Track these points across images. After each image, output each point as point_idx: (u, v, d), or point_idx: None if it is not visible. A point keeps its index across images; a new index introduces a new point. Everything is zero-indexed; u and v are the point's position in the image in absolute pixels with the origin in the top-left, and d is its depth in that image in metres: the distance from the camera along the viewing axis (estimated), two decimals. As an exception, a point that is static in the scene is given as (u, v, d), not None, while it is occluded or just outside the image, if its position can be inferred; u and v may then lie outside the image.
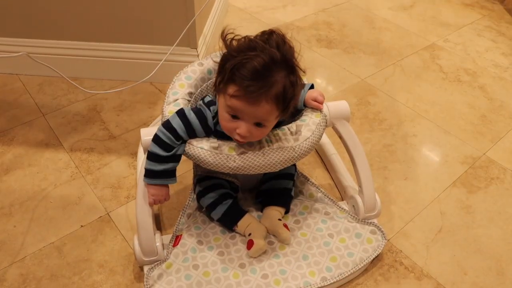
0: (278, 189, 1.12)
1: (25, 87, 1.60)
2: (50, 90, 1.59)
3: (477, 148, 1.44)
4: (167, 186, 0.99)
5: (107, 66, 1.61)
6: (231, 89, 0.86)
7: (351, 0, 2.32)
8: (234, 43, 0.88)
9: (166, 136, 0.93)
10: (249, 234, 1.04)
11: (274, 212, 1.09)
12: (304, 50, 1.85)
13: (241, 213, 1.08)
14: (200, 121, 0.95)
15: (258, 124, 0.89)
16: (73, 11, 1.50)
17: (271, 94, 0.85)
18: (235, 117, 0.89)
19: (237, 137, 0.91)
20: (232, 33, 0.89)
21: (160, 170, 0.95)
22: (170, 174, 0.98)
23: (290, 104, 0.90)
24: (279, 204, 1.10)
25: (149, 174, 0.97)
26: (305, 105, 1.07)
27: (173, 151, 0.94)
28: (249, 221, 1.06)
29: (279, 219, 1.07)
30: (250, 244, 1.02)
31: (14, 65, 1.64)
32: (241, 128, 0.89)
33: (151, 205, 0.99)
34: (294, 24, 2.02)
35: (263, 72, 0.83)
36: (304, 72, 0.92)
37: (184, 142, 0.96)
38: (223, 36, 0.89)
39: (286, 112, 0.91)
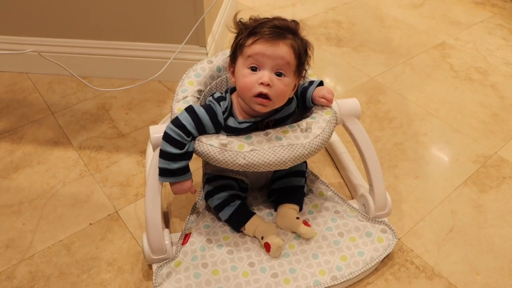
0: (291, 187, 1.11)
1: (34, 85, 1.61)
2: (60, 88, 1.60)
3: (489, 147, 1.42)
4: (188, 180, 0.99)
5: (116, 64, 1.61)
6: (252, 39, 0.93)
7: (361, -1, 2.31)
8: (248, 22, 0.98)
9: (176, 133, 0.93)
10: (262, 238, 1.03)
11: (290, 210, 1.08)
12: (314, 48, 1.84)
13: (248, 215, 1.07)
14: (210, 116, 0.95)
15: (278, 74, 0.93)
16: (83, 9, 1.50)
17: (287, 41, 0.93)
18: (255, 70, 0.93)
19: (260, 89, 0.91)
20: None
21: (175, 168, 0.95)
22: (184, 171, 0.97)
23: (303, 64, 0.98)
24: (293, 201, 1.09)
25: (164, 173, 0.96)
26: (313, 103, 1.07)
27: (185, 148, 0.94)
28: (256, 223, 1.06)
29: (297, 218, 1.07)
30: (267, 247, 1.02)
31: (23, 63, 1.64)
32: (264, 76, 0.92)
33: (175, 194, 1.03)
34: (303, 22, 2.00)
35: (280, 28, 0.93)
36: (312, 48, 1.00)
37: (194, 138, 0.95)
38: (236, 19, 0.98)
39: (300, 73, 0.99)
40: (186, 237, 1.06)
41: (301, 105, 1.08)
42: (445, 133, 1.47)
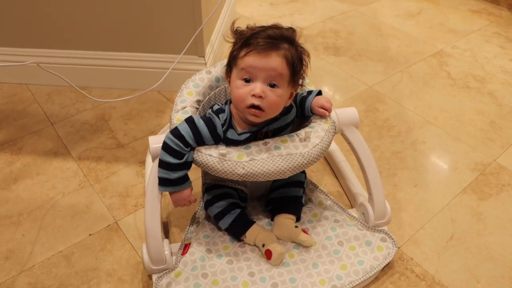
0: (289, 197, 1.11)
1: (34, 96, 1.61)
2: (59, 99, 1.60)
3: (487, 155, 1.42)
4: (187, 189, 0.99)
5: (115, 75, 1.62)
6: (244, 51, 0.92)
7: (358, 8, 2.32)
8: (244, 31, 0.97)
9: (174, 143, 0.93)
10: (263, 245, 1.03)
11: (288, 220, 1.08)
12: (311, 58, 1.83)
13: (248, 223, 1.07)
14: (210, 129, 0.95)
15: (272, 86, 0.92)
16: (82, 21, 1.51)
17: (280, 52, 0.92)
18: (248, 81, 0.92)
19: (252, 100, 0.91)
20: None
21: (174, 178, 0.96)
22: (184, 180, 0.98)
23: (298, 73, 0.97)
24: (290, 212, 1.09)
25: (163, 182, 0.97)
26: (312, 112, 1.07)
27: (184, 158, 0.94)
28: (257, 231, 1.06)
29: (296, 226, 1.07)
30: (269, 254, 1.02)
31: (23, 74, 1.65)
32: (256, 88, 0.91)
33: (175, 207, 1.02)
34: (301, 32, 2.01)
35: (275, 37, 0.92)
36: (308, 56, 0.99)
37: (192, 149, 0.96)
38: (233, 27, 0.98)
39: (295, 82, 0.98)
40: (185, 247, 1.06)
41: (299, 115, 1.09)
42: (444, 141, 1.48)
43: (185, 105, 1.05)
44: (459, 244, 1.15)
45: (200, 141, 0.96)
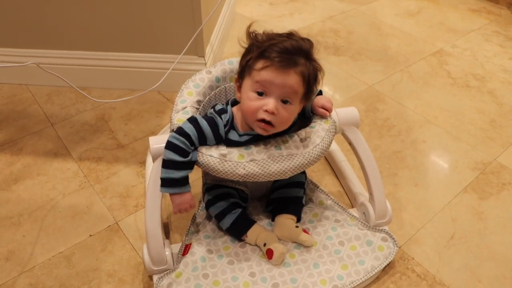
0: (289, 198, 1.11)
1: (34, 97, 1.61)
2: (59, 100, 1.60)
3: (488, 154, 1.42)
4: (189, 192, 0.98)
5: (115, 75, 1.62)
6: (260, 64, 0.91)
7: (358, 7, 2.32)
8: (259, 36, 0.95)
9: (180, 141, 0.93)
10: (264, 244, 1.03)
11: (288, 220, 1.08)
12: (324, 73, 1.85)
13: (250, 223, 1.07)
14: (212, 129, 0.95)
15: (284, 102, 0.92)
16: (82, 21, 1.51)
17: (297, 69, 0.91)
18: (261, 94, 0.91)
19: (264, 116, 0.91)
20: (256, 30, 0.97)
21: (178, 177, 0.94)
22: (186, 181, 0.97)
23: (312, 88, 0.96)
24: (291, 212, 1.09)
25: (167, 183, 0.95)
26: (312, 112, 1.07)
27: (189, 156, 0.94)
28: (258, 231, 1.05)
29: (296, 226, 1.06)
30: (270, 253, 1.01)
31: (23, 75, 1.64)
32: (269, 103, 0.90)
33: (176, 213, 1.00)
34: (301, 32, 2.01)
35: (293, 52, 0.90)
36: (322, 72, 0.98)
37: (195, 149, 0.95)
38: (249, 30, 0.97)
39: (308, 97, 0.97)
40: (186, 247, 1.06)
41: (300, 115, 1.08)
42: (444, 140, 1.48)
43: (185, 105, 1.04)
44: (460, 244, 1.15)
45: (203, 141, 0.95)
